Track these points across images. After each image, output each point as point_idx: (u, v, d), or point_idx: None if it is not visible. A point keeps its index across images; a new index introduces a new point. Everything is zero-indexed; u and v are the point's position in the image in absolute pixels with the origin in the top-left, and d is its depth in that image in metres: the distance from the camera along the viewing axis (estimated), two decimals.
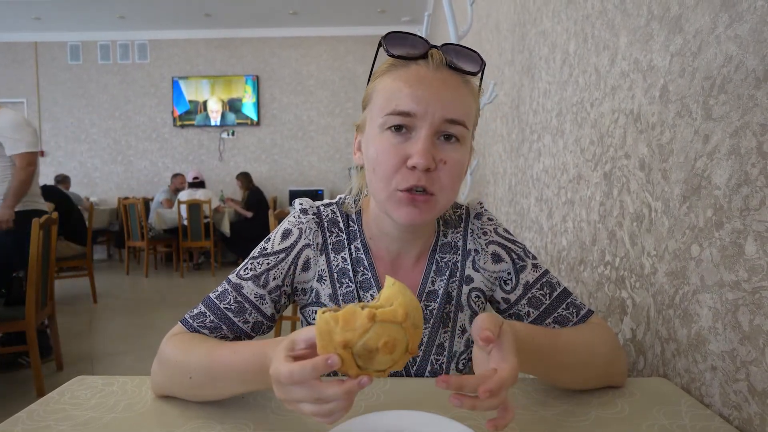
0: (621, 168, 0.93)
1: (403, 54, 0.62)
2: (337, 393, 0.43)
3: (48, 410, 0.60)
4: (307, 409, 0.45)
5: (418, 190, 0.60)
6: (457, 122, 0.60)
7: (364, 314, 0.43)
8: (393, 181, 0.61)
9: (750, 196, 0.58)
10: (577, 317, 0.71)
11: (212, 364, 0.58)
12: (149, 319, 3.65)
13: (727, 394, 0.61)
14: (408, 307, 0.44)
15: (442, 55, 0.62)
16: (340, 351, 0.43)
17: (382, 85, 0.63)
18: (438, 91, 0.60)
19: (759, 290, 0.56)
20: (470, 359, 0.79)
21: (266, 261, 0.70)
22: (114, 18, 6.08)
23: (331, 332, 0.43)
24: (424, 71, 0.61)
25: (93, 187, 6.75)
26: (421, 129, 0.60)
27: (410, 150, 0.60)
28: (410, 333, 0.44)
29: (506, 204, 1.97)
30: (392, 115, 0.60)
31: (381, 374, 0.45)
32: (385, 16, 6.13)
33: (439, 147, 0.61)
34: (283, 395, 0.46)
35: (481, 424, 0.57)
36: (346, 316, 0.43)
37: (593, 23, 1.08)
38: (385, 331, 0.43)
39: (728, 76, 0.62)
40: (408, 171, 0.60)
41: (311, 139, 6.75)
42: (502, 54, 2.06)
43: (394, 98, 0.60)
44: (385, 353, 0.43)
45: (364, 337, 0.43)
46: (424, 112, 0.59)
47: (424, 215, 0.62)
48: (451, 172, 0.61)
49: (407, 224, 0.63)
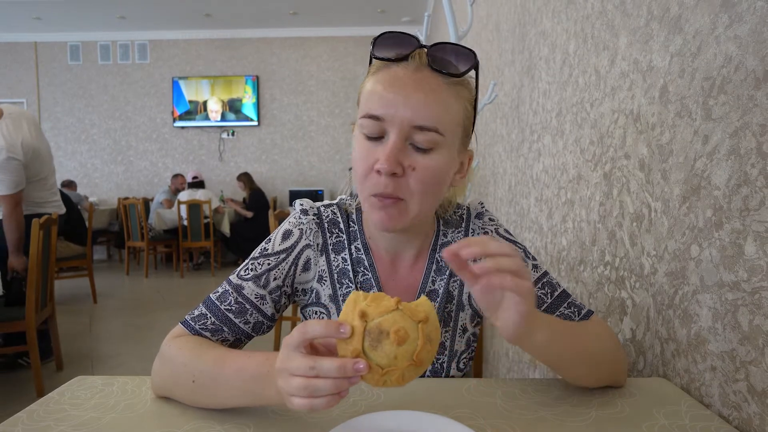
0: (621, 168, 0.93)
1: (385, 56, 0.61)
2: (331, 367, 0.43)
3: (48, 410, 0.60)
4: (296, 383, 0.44)
5: (386, 196, 0.60)
6: (427, 129, 0.58)
7: (392, 299, 0.46)
8: (366, 185, 0.61)
9: (749, 197, 0.58)
10: (579, 317, 0.71)
11: (220, 368, 0.57)
12: (149, 320, 3.65)
13: (727, 394, 0.61)
14: (430, 315, 0.46)
15: (425, 56, 0.60)
16: (356, 321, 0.44)
17: (366, 87, 0.63)
18: (410, 94, 0.58)
19: (758, 290, 0.56)
20: (471, 358, 0.79)
21: (267, 261, 0.70)
22: (114, 18, 6.08)
23: (356, 302, 0.46)
24: (401, 73, 0.59)
25: (93, 187, 6.75)
26: (391, 133, 0.59)
27: (379, 154, 0.59)
28: (422, 339, 0.44)
29: (506, 204, 1.97)
30: (364, 118, 0.60)
31: (377, 374, 0.44)
32: (385, 16, 6.13)
33: (409, 152, 0.59)
34: (284, 363, 0.46)
35: (482, 425, 0.57)
36: (376, 296, 0.46)
37: (593, 23, 1.08)
38: (402, 321, 0.44)
39: (728, 77, 0.62)
40: (376, 175, 0.59)
41: (311, 140, 6.76)
42: (502, 54, 2.06)
43: (369, 101, 0.60)
44: (394, 342, 0.43)
45: (381, 317, 0.44)
46: (392, 116, 0.58)
47: (394, 221, 0.61)
48: (421, 179, 0.59)
49: (381, 229, 0.63)
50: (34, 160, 2.46)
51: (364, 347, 0.44)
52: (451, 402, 0.63)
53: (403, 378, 0.45)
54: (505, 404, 0.62)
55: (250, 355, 0.57)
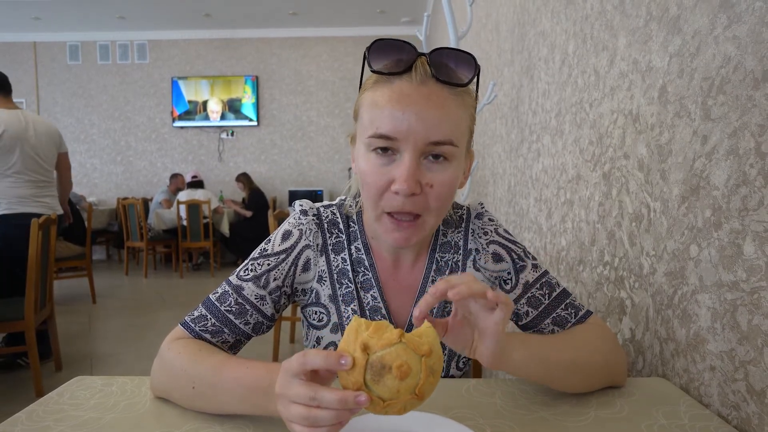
0: (620, 168, 0.93)
1: (385, 70, 0.59)
2: (332, 399, 0.42)
3: (47, 411, 0.60)
4: (296, 412, 0.44)
5: (404, 216, 0.60)
6: (443, 143, 0.58)
7: (395, 330, 0.44)
8: (380, 203, 0.60)
9: (748, 197, 0.58)
10: (576, 318, 0.71)
11: (219, 376, 0.57)
12: (148, 320, 3.65)
13: (726, 394, 0.61)
14: (433, 347, 0.45)
15: (428, 66, 0.58)
16: (358, 353, 0.43)
17: (368, 101, 0.61)
18: (421, 110, 0.56)
19: (757, 290, 0.56)
20: (470, 358, 0.79)
21: (267, 262, 0.70)
22: (113, 18, 6.08)
23: (358, 332, 0.45)
24: (407, 88, 0.57)
25: (92, 187, 6.75)
26: (405, 152, 0.57)
27: (395, 173, 0.58)
28: (425, 372, 0.44)
29: (505, 204, 1.97)
30: (374, 137, 0.58)
31: (378, 406, 0.44)
32: (384, 16, 6.13)
33: (425, 168, 0.59)
34: (283, 389, 0.45)
35: (481, 425, 0.57)
36: (378, 326, 0.45)
37: (592, 24, 1.08)
38: (405, 355, 0.43)
39: (727, 77, 0.62)
40: (393, 194, 0.59)
41: (311, 140, 6.76)
42: (501, 54, 2.06)
43: (377, 119, 0.58)
44: (396, 377, 0.43)
45: (384, 350, 0.43)
46: (406, 135, 0.56)
47: (411, 239, 0.62)
48: (439, 195, 0.60)
49: (396, 247, 0.63)
50: (7, 149, 2.50)
51: (366, 380, 0.43)
52: (450, 402, 0.63)
53: (404, 409, 0.45)
54: (505, 404, 0.62)
55: (248, 365, 0.56)
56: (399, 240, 0.62)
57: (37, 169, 2.63)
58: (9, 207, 2.56)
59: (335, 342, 0.73)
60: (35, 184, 2.63)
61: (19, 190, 2.58)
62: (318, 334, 0.75)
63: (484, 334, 0.51)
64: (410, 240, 0.62)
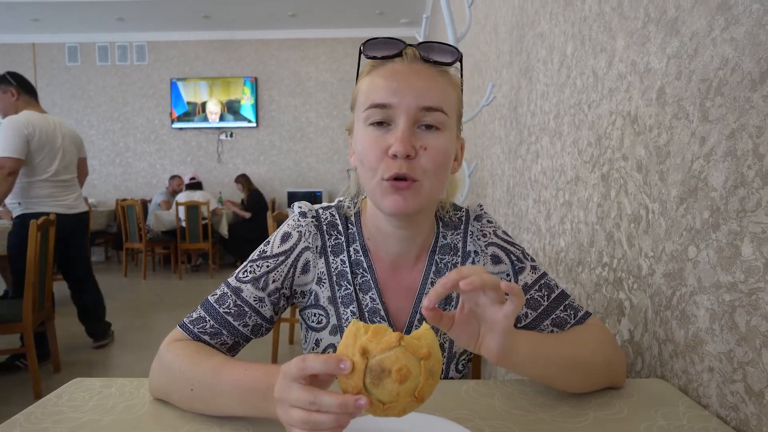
0: (618, 170, 0.93)
1: (378, 54, 0.65)
2: (332, 403, 0.42)
3: (46, 412, 0.60)
4: (296, 416, 0.44)
5: (401, 178, 0.61)
6: (434, 109, 0.62)
7: (393, 334, 0.44)
8: (378, 171, 0.62)
9: (746, 198, 0.58)
10: (575, 319, 0.71)
11: (217, 379, 0.57)
12: (147, 321, 3.64)
13: (725, 395, 0.61)
14: (432, 350, 0.45)
15: (416, 50, 0.65)
16: (357, 357, 0.43)
17: (364, 85, 0.66)
18: (412, 81, 0.62)
19: (755, 291, 0.56)
20: (470, 360, 0.79)
21: (266, 264, 0.70)
22: (112, 20, 6.08)
23: (357, 336, 0.45)
24: (399, 66, 0.64)
25: (91, 188, 6.74)
26: (399, 119, 0.62)
27: (390, 140, 0.62)
28: (424, 375, 0.44)
29: (504, 206, 1.98)
30: (371, 108, 0.63)
31: (378, 409, 0.44)
32: (383, 18, 6.14)
33: (419, 135, 0.63)
34: (283, 394, 0.45)
35: (480, 426, 0.57)
36: (376, 329, 0.45)
37: (591, 26, 1.08)
38: (405, 359, 0.43)
39: (724, 79, 0.62)
40: (390, 160, 0.61)
41: (310, 141, 6.76)
42: (500, 56, 2.07)
43: (372, 93, 0.63)
44: (396, 381, 0.43)
45: (383, 354, 0.43)
46: (399, 102, 0.61)
47: (408, 202, 0.62)
48: (434, 158, 0.62)
49: (395, 213, 0.63)
50: (38, 149, 2.58)
51: (366, 383, 0.43)
52: (449, 403, 0.63)
53: (404, 411, 0.45)
54: (504, 406, 0.62)
55: (247, 367, 0.56)
56: (398, 202, 0.62)
57: (60, 171, 2.70)
58: (27, 207, 2.62)
59: (334, 344, 0.73)
60: (56, 184, 2.70)
61: (40, 191, 2.64)
62: (317, 336, 0.75)
63: (492, 328, 0.50)
64: (408, 204, 0.62)
